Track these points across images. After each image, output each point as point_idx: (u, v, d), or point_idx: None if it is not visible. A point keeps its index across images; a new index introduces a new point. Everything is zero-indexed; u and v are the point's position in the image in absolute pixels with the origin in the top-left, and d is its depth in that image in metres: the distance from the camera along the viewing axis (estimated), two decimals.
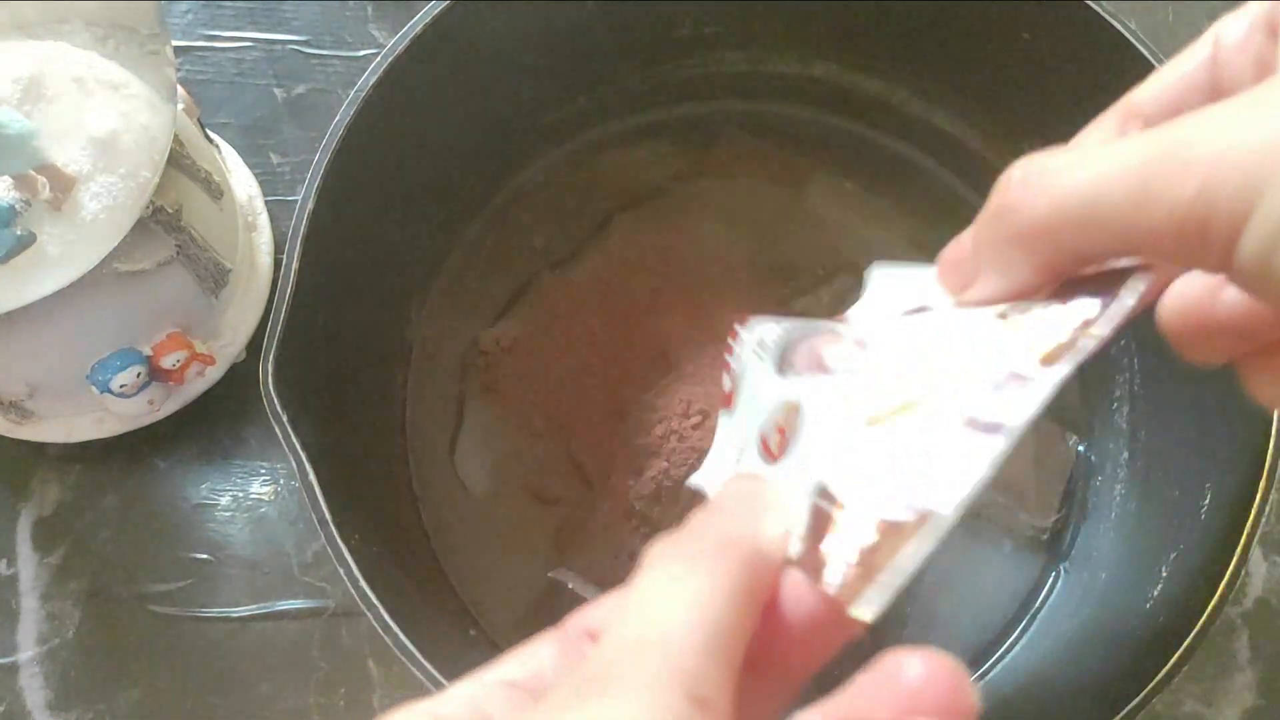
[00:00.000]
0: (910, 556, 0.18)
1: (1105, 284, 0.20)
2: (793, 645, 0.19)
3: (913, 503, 0.19)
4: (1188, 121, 0.17)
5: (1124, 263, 0.20)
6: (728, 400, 0.27)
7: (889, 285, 0.26)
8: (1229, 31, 0.21)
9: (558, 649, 0.20)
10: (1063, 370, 0.19)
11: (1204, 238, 0.17)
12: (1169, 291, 0.22)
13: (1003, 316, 0.21)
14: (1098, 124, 0.23)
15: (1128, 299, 0.19)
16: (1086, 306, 0.20)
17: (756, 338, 0.26)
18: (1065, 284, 0.21)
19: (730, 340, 0.27)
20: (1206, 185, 0.16)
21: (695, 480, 0.27)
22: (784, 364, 0.24)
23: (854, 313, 0.26)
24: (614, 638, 0.18)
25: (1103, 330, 0.19)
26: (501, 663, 0.20)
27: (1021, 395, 0.19)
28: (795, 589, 0.19)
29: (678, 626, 0.17)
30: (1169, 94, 0.22)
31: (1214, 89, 0.21)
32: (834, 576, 0.19)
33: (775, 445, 0.23)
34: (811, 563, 0.19)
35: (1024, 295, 0.21)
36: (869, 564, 0.18)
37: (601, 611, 0.20)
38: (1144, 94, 0.22)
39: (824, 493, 0.20)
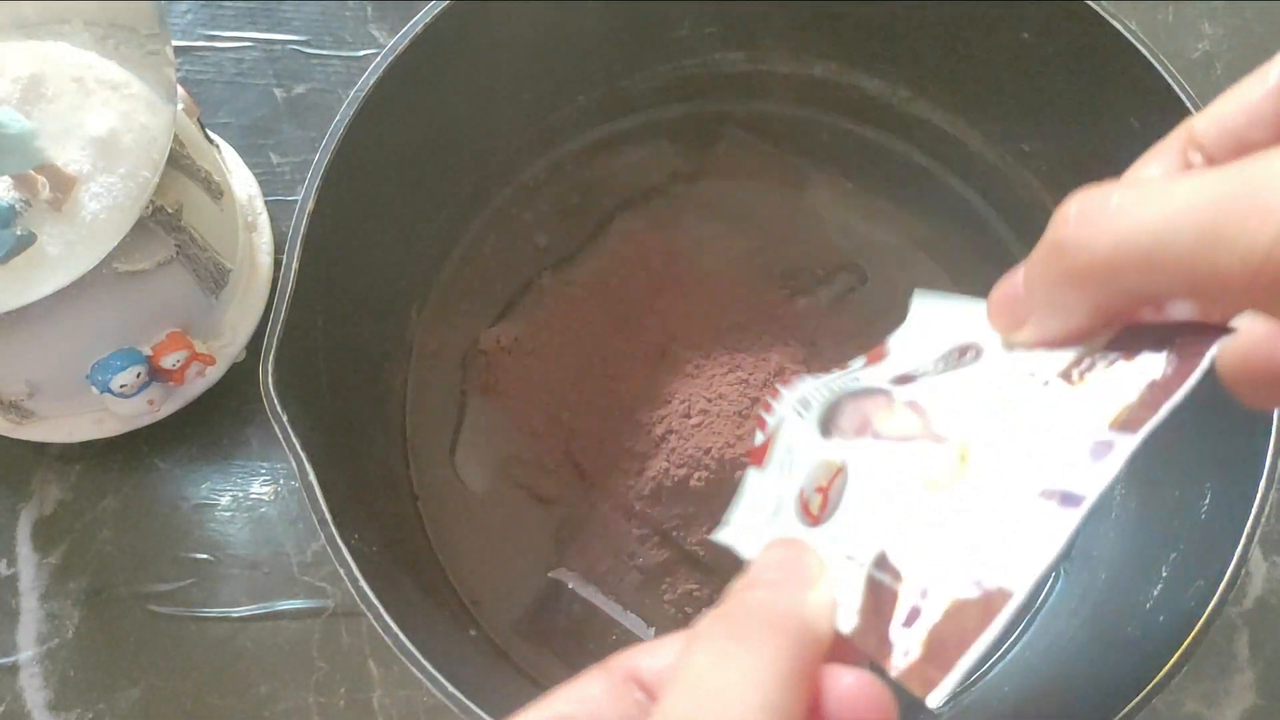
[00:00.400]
0: (983, 638, 0.17)
1: (1172, 337, 0.19)
2: None
3: (984, 579, 0.18)
4: (1262, 161, 0.17)
5: (1184, 308, 0.19)
6: (759, 456, 0.26)
7: (932, 316, 0.25)
8: None
9: (607, 687, 0.20)
10: (1139, 437, 0.18)
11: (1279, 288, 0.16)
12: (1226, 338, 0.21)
13: (1066, 376, 0.20)
14: (1156, 153, 0.22)
15: (1205, 363, 0.18)
16: (1155, 364, 0.19)
17: (799, 395, 0.25)
18: (1127, 334, 0.20)
19: (770, 398, 0.27)
20: None
21: (722, 537, 0.26)
22: (829, 425, 0.24)
23: (894, 341, 0.26)
24: (670, 714, 0.18)
25: (1180, 395, 0.18)
26: (555, 698, 0.20)
27: (1098, 464, 0.18)
28: (852, 680, 0.19)
29: (734, 709, 0.17)
30: (1233, 123, 0.20)
31: None
32: (901, 659, 0.18)
33: (816, 507, 0.23)
34: (872, 639, 0.19)
35: (1080, 337, 0.20)
36: (938, 645, 0.18)
37: (647, 658, 0.20)
38: (1205, 122, 0.21)
39: (883, 564, 0.19)
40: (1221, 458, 0.37)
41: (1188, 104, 0.38)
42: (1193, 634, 0.33)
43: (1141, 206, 0.18)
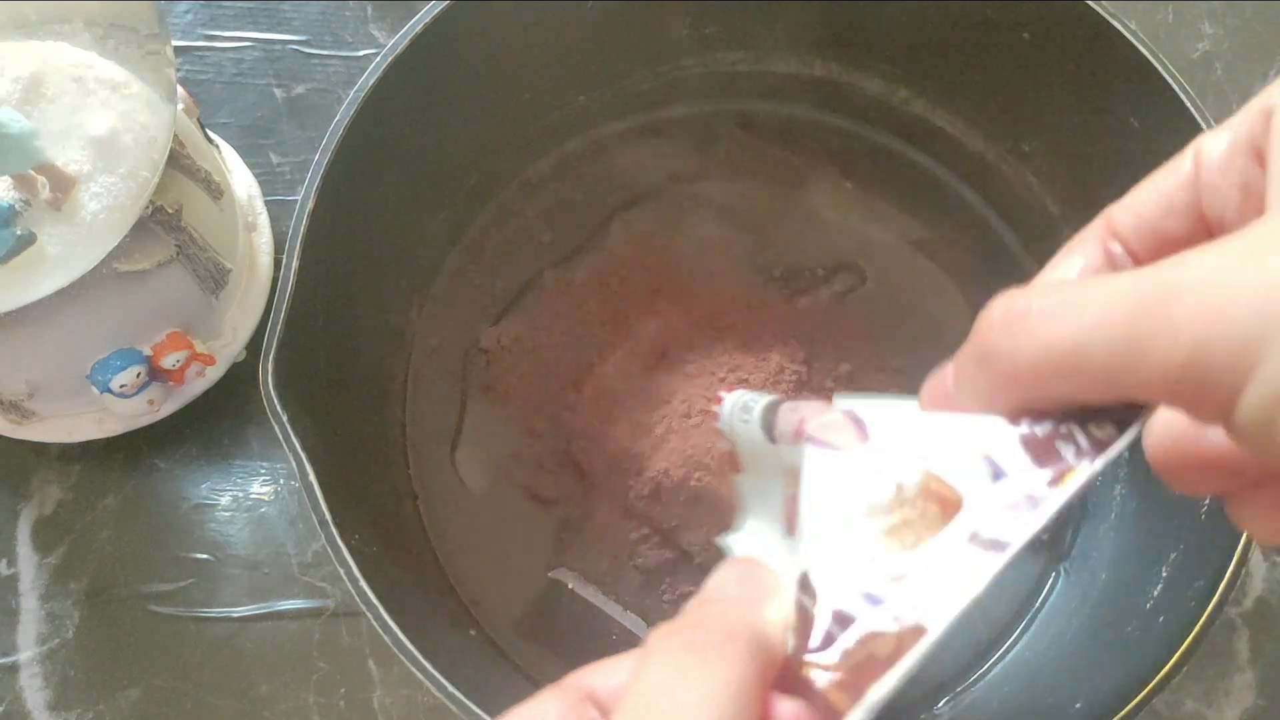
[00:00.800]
0: (897, 672, 0.18)
1: (1103, 408, 0.19)
2: None
3: (902, 613, 0.18)
4: (1174, 269, 0.17)
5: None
6: (735, 464, 0.27)
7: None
8: (1210, 152, 0.20)
9: (562, 707, 0.20)
10: (1066, 494, 0.19)
11: (1199, 396, 0.16)
12: (1153, 424, 0.21)
13: (1014, 424, 0.20)
14: (1078, 243, 0.22)
15: (1130, 435, 0.19)
16: (1096, 429, 0.19)
17: (740, 402, 0.26)
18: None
19: (714, 406, 0.27)
20: (1199, 344, 0.16)
21: (727, 541, 0.26)
22: (771, 429, 0.24)
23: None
24: None
25: (1106, 460, 0.19)
26: (511, 717, 0.20)
27: (1027, 515, 0.19)
28: (793, 710, 0.19)
29: None
30: (1150, 212, 0.21)
31: (1197, 211, 0.20)
32: (820, 680, 0.18)
33: (791, 517, 0.23)
34: (799, 661, 0.19)
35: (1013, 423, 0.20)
36: (851, 674, 0.18)
37: (601, 677, 0.20)
38: (1123, 213, 0.21)
39: (805, 584, 0.20)
40: None
41: (1188, 104, 0.38)
42: (1193, 634, 0.33)
43: (1060, 316, 0.18)
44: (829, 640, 0.19)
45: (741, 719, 0.18)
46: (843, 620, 0.19)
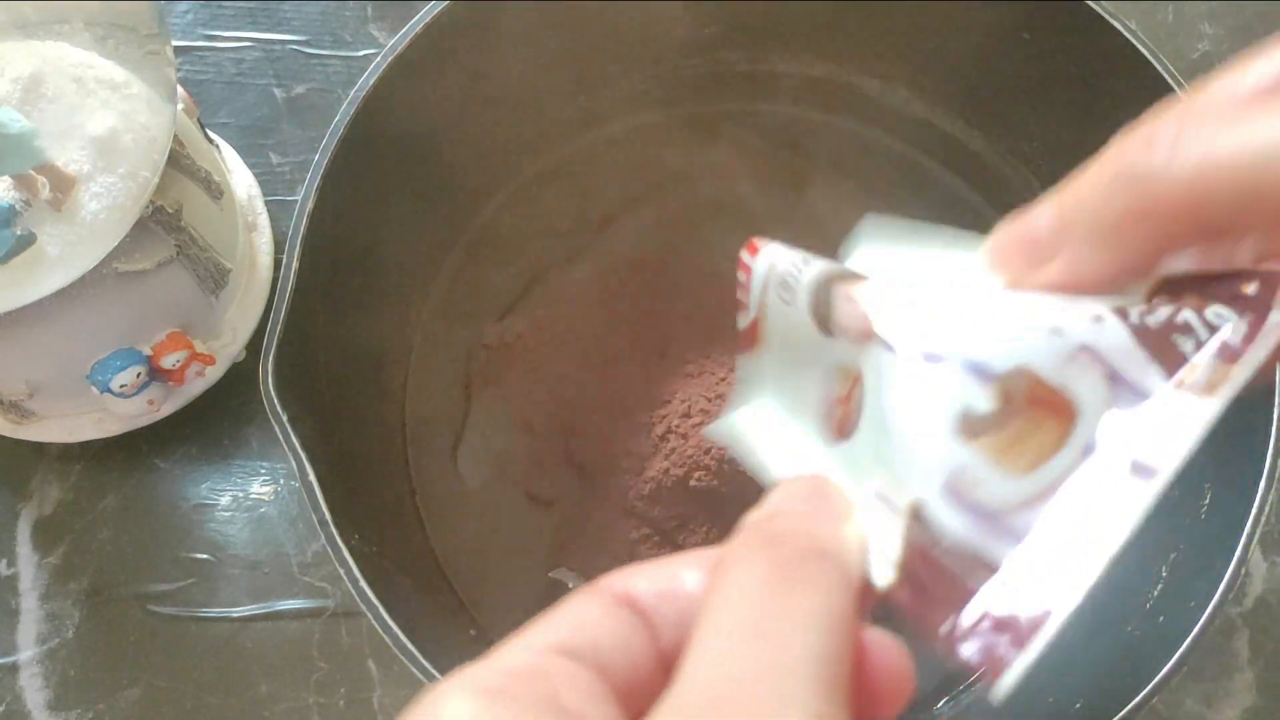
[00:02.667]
0: (1056, 619, 0.16)
1: (1230, 289, 0.17)
2: (870, 700, 0.16)
3: (1047, 552, 0.16)
4: None
5: (1251, 248, 0.16)
6: (750, 340, 0.23)
7: (889, 259, 0.21)
8: None
9: (601, 611, 0.17)
10: (1218, 404, 0.16)
11: None
12: None
13: (1122, 314, 0.17)
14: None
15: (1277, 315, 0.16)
16: (1214, 315, 0.17)
17: (778, 277, 0.22)
18: (1168, 285, 0.17)
19: (740, 275, 0.23)
20: None
21: (713, 430, 0.23)
22: (825, 319, 0.20)
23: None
24: (716, 662, 0.15)
25: (1261, 352, 0.16)
26: (549, 624, 0.17)
27: (1170, 433, 0.16)
28: (873, 640, 0.17)
29: (795, 657, 0.15)
30: None
31: None
32: (959, 636, 0.16)
33: (838, 420, 0.20)
34: (917, 604, 0.17)
35: (1118, 281, 0.17)
36: (1003, 624, 0.16)
37: (643, 581, 0.18)
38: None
39: (921, 517, 0.17)
40: (1221, 458, 0.37)
41: None
42: (1193, 634, 0.33)
43: (1237, 129, 0.15)
44: (965, 590, 0.16)
45: (846, 643, 0.16)
46: (980, 565, 0.16)
